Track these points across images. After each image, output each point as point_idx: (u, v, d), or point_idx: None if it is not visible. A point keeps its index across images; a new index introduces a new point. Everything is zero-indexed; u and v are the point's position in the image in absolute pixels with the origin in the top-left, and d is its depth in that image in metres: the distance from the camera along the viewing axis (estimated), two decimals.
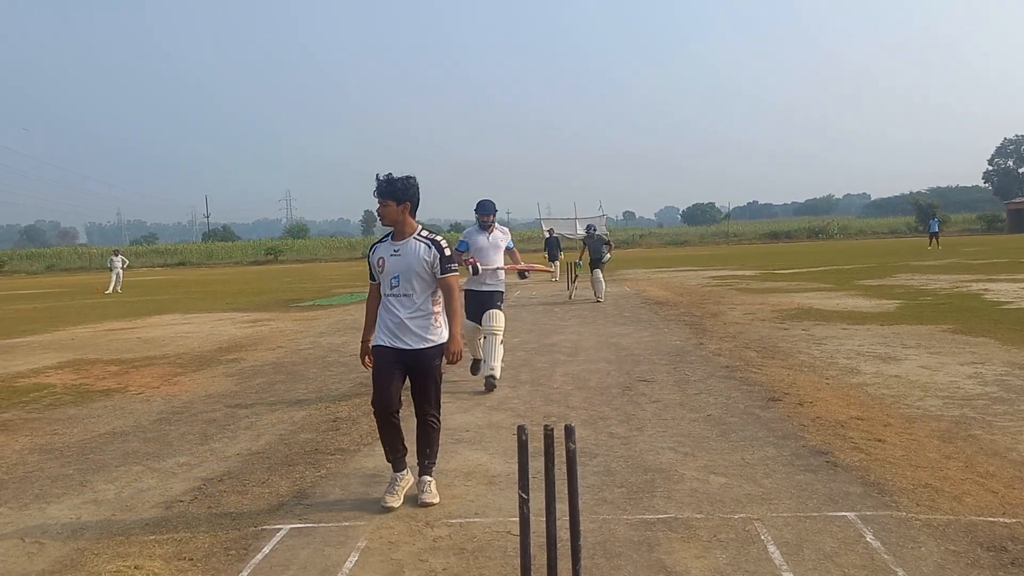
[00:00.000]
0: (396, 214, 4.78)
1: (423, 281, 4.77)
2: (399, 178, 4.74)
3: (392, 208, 4.76)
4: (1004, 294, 15.44)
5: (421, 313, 4.76)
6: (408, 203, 4.78)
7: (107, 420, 7.48)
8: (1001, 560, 3.68)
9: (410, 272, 4.75)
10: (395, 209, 4.77)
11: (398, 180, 4.74)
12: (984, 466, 5.03)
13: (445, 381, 8.05)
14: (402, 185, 4.74)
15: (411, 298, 4.77)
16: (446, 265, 4.77)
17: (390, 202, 4.75)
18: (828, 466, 5.13)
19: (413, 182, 4.79)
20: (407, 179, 4.77)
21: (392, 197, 4.73)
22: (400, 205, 4.76)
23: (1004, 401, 6.71)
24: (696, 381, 8.09)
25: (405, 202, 4.77)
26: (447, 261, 4.77)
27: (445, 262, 4.77)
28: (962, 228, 74.36)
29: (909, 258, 31.15)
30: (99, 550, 4.25)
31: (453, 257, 4.81)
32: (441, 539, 4.20)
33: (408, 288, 4.77)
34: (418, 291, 4.77)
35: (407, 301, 4.77)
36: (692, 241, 76.70)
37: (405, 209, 4.79)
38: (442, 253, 4.76)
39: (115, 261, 32.32)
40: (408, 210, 4.80)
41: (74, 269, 67.56)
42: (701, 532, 4.14)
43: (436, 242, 4.78)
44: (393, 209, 4.77)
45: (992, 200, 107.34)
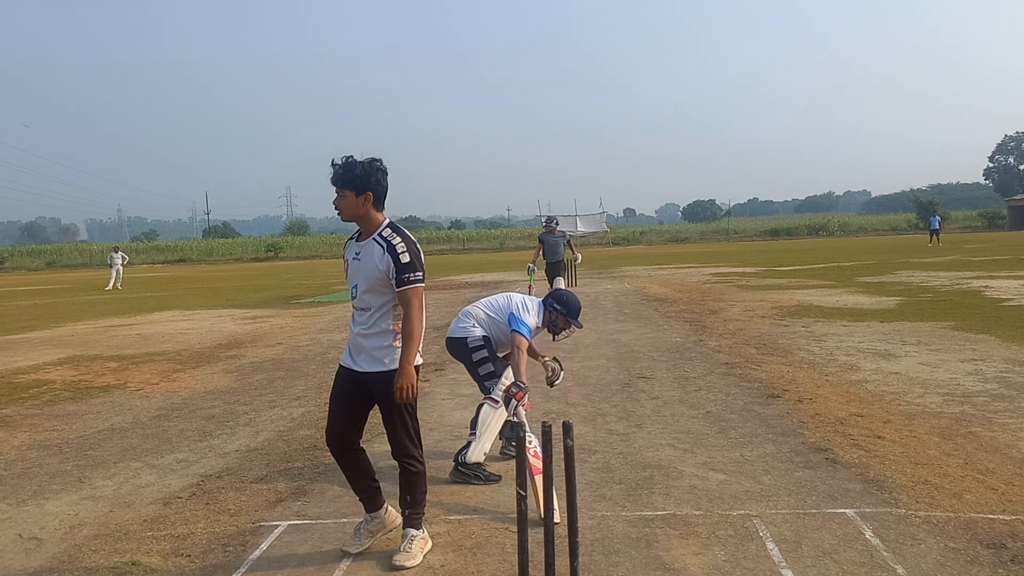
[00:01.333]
0: (355, 206, 3.90)
1: (380, 293, 3.90)
2: (360, 162, 3.88)
3: (350, 199, 3.89)
4: (1005, 291, 15.43)
5: (377, 331, 3.92)
6: (370, 192, 3.88)
7: (106, 416, 7.47)
8: (1001, 557, 3.67)
9: (366, 281, 3.92)
10: (354, 200, 3.88)
11: (358, 164, 3.86)
12: (984, 463, 5.02)
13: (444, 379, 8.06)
14: (362, 170, 3.85)
15: (368, 312, 3.95)
16: (402, 275, 3.81)
17: (347, 192, 3.88)
18: (827, 463, 5.12)
19: (378, 166, 3.90)
20: (370, 162, 3.89)
21: (350, 186, 3.86)
22: (360, 195, 3.87)
23: (1004, 398, 6.70)
24: (696, 378, 8.08)
25: (367, 191, 3.87)
26: (404, 270, 3.81)
27: (402, 271, 3.81)
28: (963, 225, 74.28)
29: (910, 255, 31.13)
30: (97, 546, 4.24)
31: (416, 264, 3.84)
32: (439, 536, 4.20)
33: (366, 300, 3.95)
34: (375, 305, 3.92)
35: (364, 316, 3.97)
36: (692, 238, 76.64)
37: (367, 200, 3.89)
38: (397, 260, 3.81)
39: (115, 258, 32.30)
40: (371, 201, 3.90)
41: (75, 266, 67.51)
42: (700, 529, 4.13)
43: (392, 246, 3.84)
44: (351, 200, 3.89)
45: (993, 197, 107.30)
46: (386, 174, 3.95)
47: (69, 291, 30.94)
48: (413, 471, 4.03)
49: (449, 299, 19.12)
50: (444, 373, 9.04)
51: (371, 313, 3.93)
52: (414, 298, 3.83)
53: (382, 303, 3.90)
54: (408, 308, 3.84)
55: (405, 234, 3.92)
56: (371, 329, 3.93)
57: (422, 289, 3.89)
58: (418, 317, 3.85)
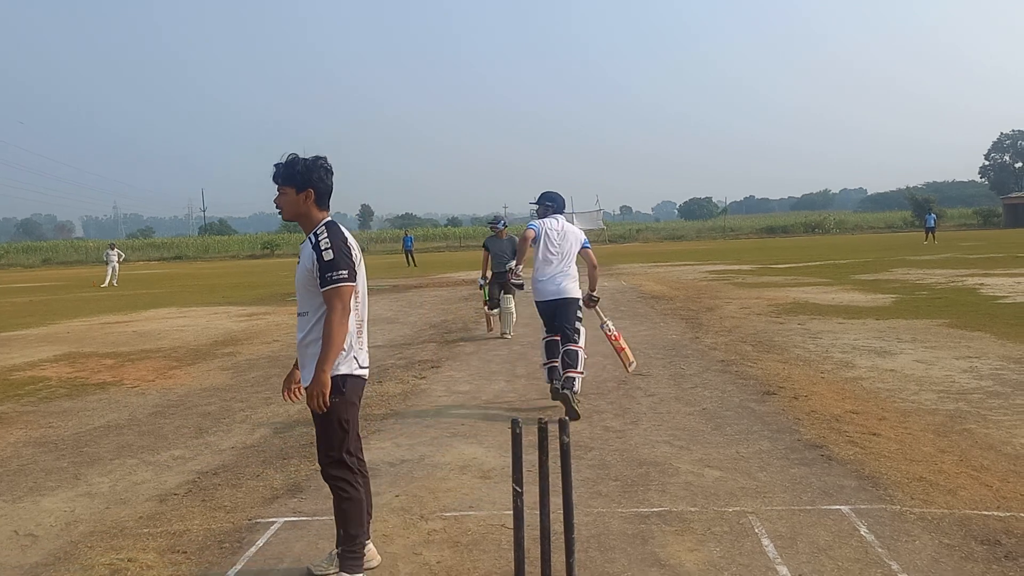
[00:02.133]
0: (296, 204, 3.70)
1: (312, 295, 3.66)
2: (303, 159, 3.71)
3: (290, 197, 3.70)
4: (1000, 288, 15.46)
5: (313, 337, 3.64)
6: (312, 190, 3.67)
7: (102, 413, 7.47)
8: (995, 554, 3.69)
9: (300, 283, 3.73)
10: (294, 198, 3.69)
11: (299, 161, 3.69)
12: (979, 460, 5.03)
13: (440, 376, 8.05)
14: (304, 167, 3.67)
15: (306, 318, 3.72)
16: (325, 274, 3.55)
17: (288, 188, 3.69)
18: (823, 460, 5.13)
19: (321, 164, 3.72)
20: (313, 160, 3.72)
21: (290, 182, 3.67)
22: (301, 193, 3.67)
23: (999, 395, 6.72)
24: (692, 375, 8.10)
25: (307, 188, 3.67)
26: (326, 268, 3.55)
27: (324, 269, 3.55)
28: (958, 223, 74.34)
29: (905, 253, 31.18)
30: (93, 543, 4.24)
31: (339, 262, 3.56)
32: (435, 532, 4.20)
33: (302, 303, 3.74)
34: (310, 309, 3.69)
35: (302, 321, 3.74)
36: (689, 236, 76.67)
37: (308, 198, 3.68)
38: (320, 258, 3.57)
39: (111, 255, 32.25)
40: (312, 199, 3.69)
41: (70, 263, 67.34)
42: (695, 525, 4.14)
43: (316, 243, 3.61)
44: (291, 198, 3.69)
45: (988, 195, 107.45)
46: (330, 172, 3.75)
47: (65, 288, 30.88)
48: (344, 496, 3.64)
49: (445, 296, 19.13)
50: (440, 370, 9.04)
51: (308, 318, 3.69)
52: (335, 299, 3.53)
53: (317, 307, 3.64)
54: (329, 310, 3.54)
55: (335, 231, 3.67)
56: (309, 336, 3.67)
57: (347, 289, 3.57)
58: (339, 320, 3.53)
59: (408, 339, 11.80)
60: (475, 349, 10.56)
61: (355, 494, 3.65)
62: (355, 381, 3.69)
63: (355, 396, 3.71)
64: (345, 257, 3.58)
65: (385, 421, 6.73)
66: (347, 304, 3.58)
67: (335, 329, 3.51)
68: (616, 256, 39.68)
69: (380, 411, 7.09)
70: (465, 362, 9.56)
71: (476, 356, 9.98)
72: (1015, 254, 26.89)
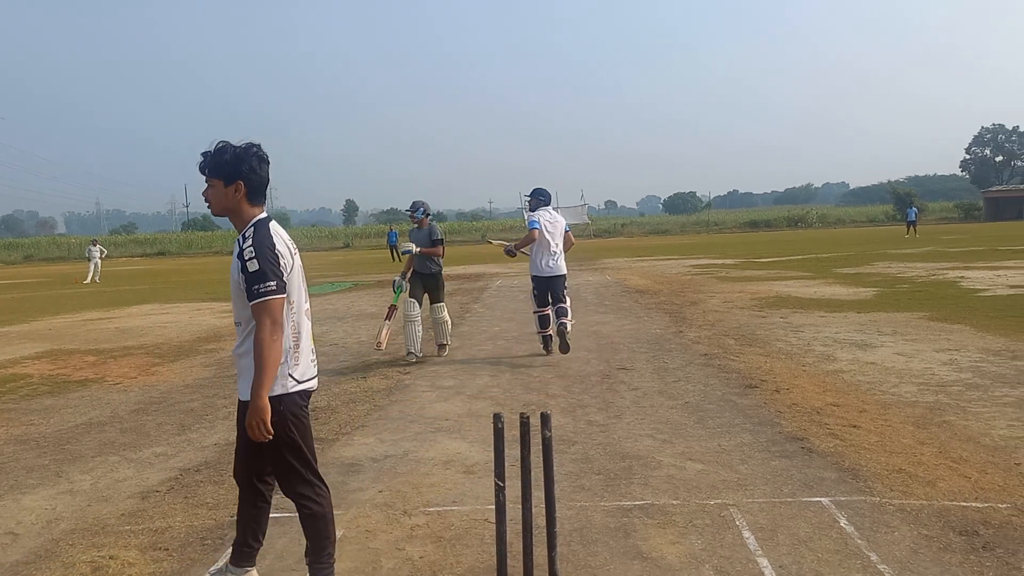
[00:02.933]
0: (224, 198, 3.31)
1: (244, 305, 3.27)
2: (233, 147, 3.31)
3: (218, 189, 3.31)
4: (980, 281, 15.60)
5: (245, 350, 3.30)
6: (242, 182, 3.28)
7: (84, 410, 7.43)
8: (973, 544, 3.73)
9: (232, 290, 3.35)
10: (222, 191, 3.30)
11: (229, 149, 3.29)
12: (958, 451, 5.08)
13: (425, 371, 8.05)
14: (233, 156, 3.27)
15: (240, 328, 3.35)
16: (251, 287, 3.14)
17: (216, 180, 3.31)
18: (803, 452, 5.17)
19: (254, 152, 3.31)
20: (245, 148, 3.31)
21: (218, 173, 3.29)
22: (230, 185, 3.28)
23: (978, 387, 6.79)
24: (675, 369, 8.13)
25: (237, 181, 3.27)
26: (252, 280, 3.14)
27: (250, 281, 3.15)
28: (940, 216, 74.94)
29: (887, 246, 31.41)
30: (74, 540, 4.22)
31: (265, 273, 3.15)
32: (418, 528, 4.21)
33: (236, 312, 3.37)
34: (243, 319, 3.32)
35: (238, 331, 3.37)
36: (673, 230, 76.89)
37: (238, 192, 3.29)
38: (244, 268, 3.17)
39: (93, 251, 32.04)
40: (243, 193, 3.30)
41: (52, 259, 66.84)
42: (677, 518, 4.17)
43: (240, 251, 3.21)
44: (219, 191, 3.31)
45: (969, 189, 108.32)
46: (264, 162, 3.35)
47: (47, 285, 30.64)
48: (308, 512, 3.41)
49: None
50: (424, 365, 9.04)
51: (242, 328, 3.33)
52: (263, 315, 3.12)
53: (249, 317, 3.25)
54: (257, 328, 3.14)
55: (263, 234, 3.25)
56: (243, 346, 3.32)
57: (276, 303, 3.16)
58: (270, 338, 3.12)
59: (392, 334, 11.76)
60: (460, 344, 10.57)
61: (317, 508, 3.41)
62: (292, 400, 3.32)
63: (297, 415, 3.33)
64: (271, 265, 3.18)
65: (369, 416, 6.72)
66: (278, 319, 3.17)
67: (266, 348, 3.11)
68: (601, 250, 39.75)
69: (364, 406, 7.08)
70: (449, 357, 9.56)
71: (461, 351, 9.98)
72: (995, 247, 27.14)
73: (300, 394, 3.36)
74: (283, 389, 3.27)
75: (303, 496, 3.39)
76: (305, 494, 3.38)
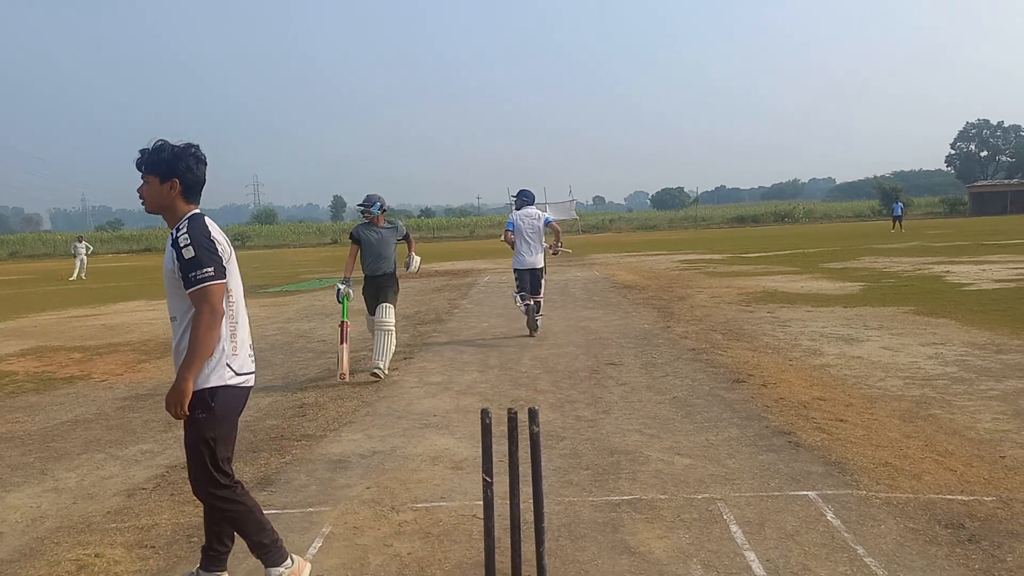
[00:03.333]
0: (159, 195, 3.34)
1: (179, 298, 3.30)
2: (171, 145, 3.34)
3: (153, 186, 3.33)
4: (965, 276, 15.69)
5: (185, 345, 3.28)
6: (177, 180, 3.31)
7: (69, 408, 7.38)
8: (959, 537, 3.75)
9: (165, 284, 3.36)
10: (157, 188, 3.33)
11: (167, 148, 3.32)
12: (943, 445, 5.11)
13: (413, 367, 8.03)
14: (171, 155, 3.31)
15: (176, 323, 3.35)
16: (187, 274, 3.19)
17: (151, 177, 3.32)
18: (790, 446, 5.19)
19: (192, 152, 3.36)
20: (184, 147, 3.35)
21: (154, 171, 3.31)
22: (166, 183, 3.31)
23: (964, 381, 6.82)
24: (663, 364, 8.14)
25: (173, 178, 3.31)
26: (189, 267, 3.19)
27: (186, 268, 3.20)
28: (925, 211, 75.26)
29: (873, 241, 31.53)
30: (59, 538, 4.20)
31: (202, 259, 3.20)
32: (406, 524, 4.20)
33: (171, 307, 3.37)
34: (179, 313, 3.33)
35: (175, 327, 3.36)
36: (661, 226, 76.96)
37: (173, 189, 3.32)
38: (180, 256, 3.21)
39: (79, 247, 31.86)
40: (178, 191, 3.33)
41: (38, 256, 66.37)
42: (665, 513, 4.18)
43: (175, 240, 3.25)
44: (155, 188, 3.33)
45: (954, 184, 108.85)
46: (201, 162, 3.39)
47: (32, 281, 30.43)
48: (228, 513, 3.38)
49: (418, 287, 19.07)
50: (412, 361, 9.03)
51: (178, 323, 3.33)
52: (202, 301, 3.17)
53: (186, 311, 3.28)
54: (196, 314, 3.19)
55: (198, 224, 3.29)
56: (182, 342, 3.29)
57: (216, 288, 3.20)
58: (208, 324, 3.17)
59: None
60: (448, 340, 10.55)
61: (238, 506, 3.36)
62: (229, 393, 3.31)
63: (228, 411, 3.34)
64: (208, 252, 3.22)
65: (356, 412, 6.71)
66: (217, 306, 3.20)
67: (202, 334, 3.16)
68: (589, 246, 39.77)
69: (352, 403, 7.07)
70: (438, 353, 9.55)
71: (449, 347, 9.97)
72: (980, 242, 27.30)
73: (237, 389, 3.35)
74: (220, 380, 3.26)
75: (214, 497, 3.34)
76: (218, 494, 3.33)
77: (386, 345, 8.10)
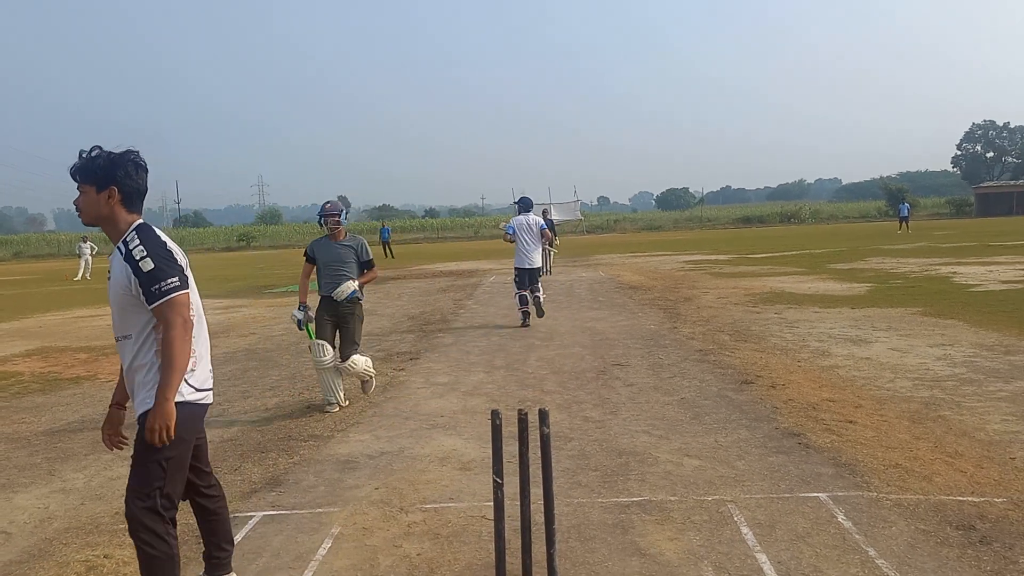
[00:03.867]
0: (96, 205, 3.09)
1: (134, 314, 3.07)
2: (107, 152, 3.11)
3: (90, 196, 3.10)
4: (972, 277, 15.64)
5: (142, 363, 3.09)
6: (115, 188, 3.08)
7: (76, 408, 7.38)
8: (970, 538, 3.73)
9: (115, 301, 3.12)
10: (94, 198, 3.09)
11: (102, 155, 3.09)
12: (953, 446, 5.09)
13: (419, 368, 7.99)
14: (107, 162, 3.07)
15: (130, 341, 3.11)
16: (149, 288, 2.98)
17: (87, 187, 3.09)
18: (800, 447, 5.17)
19: (130, 158, 3.12)
20: (121, 154, 3.12)
21: (90, 180, 3.08)
22: (103, 192, 3.07)
23: (972, 382, 6.80)
24: (670, 365, 8.12)
25: (110, 187, 3.07)
26: (149, 280, 2.98)
27: (147, 282, 2.98)
28: (931, 212, 75.09)
29: (880, 242, 31.47)
30: (68, 540, 4.20)
31: (163, 270, 3.00)
32: (416, 525, 4.19)
33: (122, 325, 3.13)
34: (134, 331, 3.09)
35: (126, 346, 3.13)
36: (666, 226, 76.90)
37: (112, 198, 3.08)
38: (137, 269, 2.99)
39: (84, 248, 31.92)
40: (117, 200, 3.09)
41: (42, 256, 66.50)
42: (675, 514, 4.16)
43: (129, 253, 3.02)
44: (91, 198, 3.09)
45: (960, 184, 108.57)
46: (142, 169, 3.16)
47: (37, 282, 30.50)
48: (150, 552, 3.02)
49: (423, 288, 19.08)
50: (419, 362, 9.02)
51: (132, 341, 3.10)
52: (172, 313, 2.97)
53: (142, 327, 3.07)
54: (167, 327, 2.97)
55: (149, 234, 3.08)
56: (136, 360, 3.09)
57: (183, 298, 3.03)
58: (182, 336, 2.98)
59: (386, 331, 11.75)
60: (454, 340, 10.54)
61: (164, 549, 3.03)
62: (187, 411, 3.09)
63: (187, 431, 3.10)
64: (168, 262, 3.03)
65: (364, 413, 6.70)
66: (187, 316, 3.03)
67: (177, 348, 2.96)
68: (594, 246, 39.75)
69: (359, 403, 7.06)
70: (444, 353, 9.54)
71: (455, 347, 9.96)
72: (987, 243, 27.22)
73: (196, 406, 3.16)
74: (179, 396, 3.05)
75: (147, 530, 3.01)
76: (151, 527, 3.01)
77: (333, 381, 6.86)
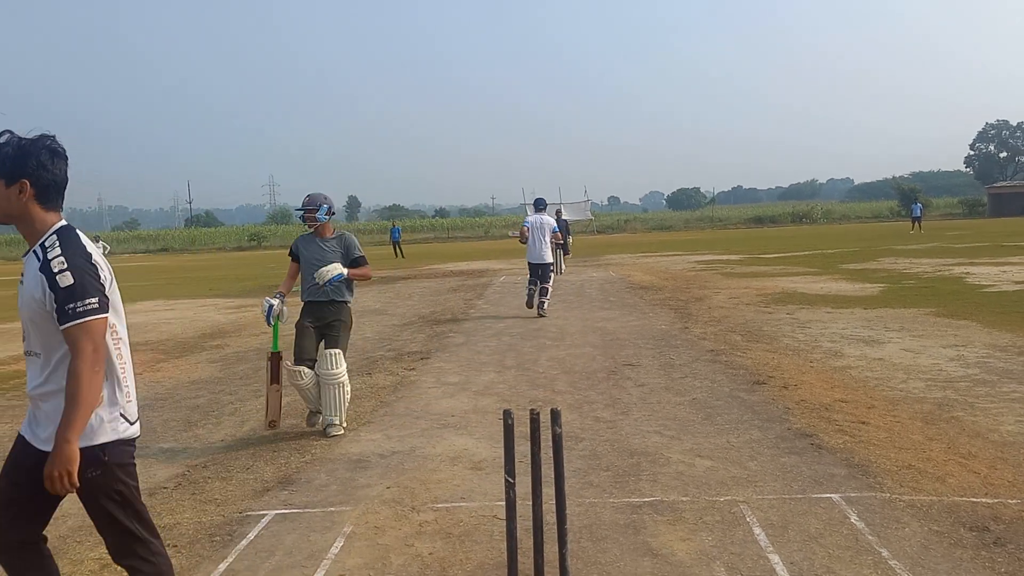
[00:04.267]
0: (8, 201, 2.63)
1: (49, 332, 2.62)
2: (16, 138, 2.64)
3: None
4: (986, 277, 15.56)
5: (55, 388, 2.61)
6: (27, 181, 2.61)
7: None
8: (984, 540, 3.72)
9: (27, 314, 2.66)
10: (3, 193, 2.62)
11: (10, 143, 2.62)
12: (966, 447, 5.07)
13: (430, 368, 8.00)
14: (16, 150, 2.60)
15: (40, 360, 2.67)
16: (64, 305, 2.53)
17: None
18: (813, 448, 5.16)
19: (44, 144, 2.65)
20: (33, 140, 2.65)
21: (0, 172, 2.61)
22: (13, 185, 2.60)
23: (986, 383, 6.76)
24: (681, 365, 8.11)
25: (21, 180, 2.60)
26: (65, 298, 2.53)
27: (62, 299, 2.53)
28: (944, 212, 74.72)
29: (892, 242, 31.32)
30: (82, 537, 4.22)
31: (84, 287, 2.56)
32: (427, 524, 4.20)
33: (34, 342, 2.68)
34: (47, 349, 2.65)
35: (36, 365, 2.69)
36: (677, 226, 76.68)
37: (23, 193, 2.62)
38: (53, 283, 2.55)
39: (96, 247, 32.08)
40: (30, 195, 2.63)
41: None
42: (687, 515, 4.15)
43: (47, 263, 2.57)
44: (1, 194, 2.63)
45: (973, 184, 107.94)
46: (59, 156, 2.69)
47: None
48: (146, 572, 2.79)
49: (434, 288, 19.10)
50: (429, 361, 9.03)
51: (40, 360, 2.67)
52: (83, 339, 2.51)
53: (54, 346, 2.62)
54: (74, 356, 2.52)
55: (71, 242, 2.65)
56: (45, 385, 2.65)
57: (99, 324, 2.56)
58: (91, 368, 2.51)
59: (397, 330, 11.77)
60: (464, 340, 10.55)
61: (152, 568, 2.81)
62: (121, 449, 2.71)
63: (121, 467, 2.71)
64: (91, 279, 2.60)
65: (375, 413, 6.72)
66: (100, 345, 2.57)
67: (84, 381, 2.50)
68: (605, 246, 39.70)
69: (370, 403, 7.08)
70: (454, 353, 9.55)
71: (465, 347, 9.97)
72: (1000, 243, 27.06)
73: (129, 441, 2.75)
74: (114, 434, 2.67)
75: (135, 557, 2.78)
76: (138, 554, 2.77)
77: (337, 397, 6.06)
